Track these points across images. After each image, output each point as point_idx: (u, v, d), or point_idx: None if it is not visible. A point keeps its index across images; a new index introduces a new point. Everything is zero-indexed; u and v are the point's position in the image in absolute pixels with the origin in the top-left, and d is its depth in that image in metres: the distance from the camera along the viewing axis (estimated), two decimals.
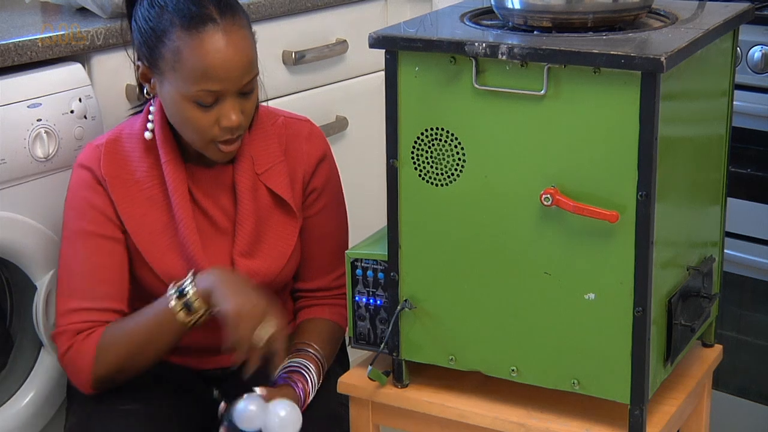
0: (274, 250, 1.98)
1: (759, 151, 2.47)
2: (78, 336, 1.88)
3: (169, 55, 1.82)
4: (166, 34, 1.82)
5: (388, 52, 1.74)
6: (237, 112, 1.84)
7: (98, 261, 1.91)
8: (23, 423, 2.12)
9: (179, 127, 1.89)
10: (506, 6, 1.78)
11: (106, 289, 1.91)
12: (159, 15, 1.84)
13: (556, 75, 1.64)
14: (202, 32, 1.81)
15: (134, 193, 1.92)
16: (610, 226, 1.65)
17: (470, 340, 1.79)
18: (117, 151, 1.93)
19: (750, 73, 2.43)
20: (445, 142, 1.73)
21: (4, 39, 2.05)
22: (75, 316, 1.90)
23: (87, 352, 1.88)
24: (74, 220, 1.92)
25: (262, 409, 1.80)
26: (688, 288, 1.81)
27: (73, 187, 1.93)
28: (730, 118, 1.93)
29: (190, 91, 1.82)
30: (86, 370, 1.88)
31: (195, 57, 1.80)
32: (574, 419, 1.77)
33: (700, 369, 1.93)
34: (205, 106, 1.83)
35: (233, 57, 1.82)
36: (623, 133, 1.62)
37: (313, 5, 2.59)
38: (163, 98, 1.88)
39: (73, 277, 1.92)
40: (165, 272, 1.93)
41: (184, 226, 1.92)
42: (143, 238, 1.92)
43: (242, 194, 1.95)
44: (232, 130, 1.85)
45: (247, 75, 1.84)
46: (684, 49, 1.62)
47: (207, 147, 1.88)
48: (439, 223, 1.77)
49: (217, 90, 1.82)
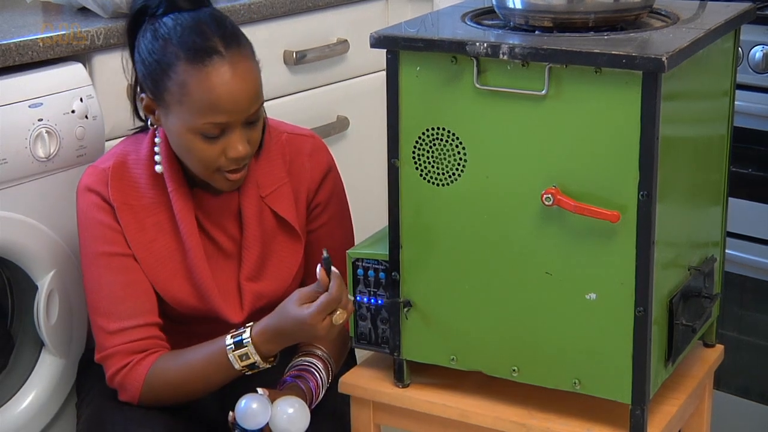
0: (279, 272, 1.98)
1: (759, 150, 2.47)
2: (129, 358, 1.89)
3: (175, 88, 1.80)
4: (171, 67, 1.80)
5: (390, 51, 1.73)
6: (243, 143, 1.83)
7: (126, 279, 1.90)
8: (24, 423, 2.11)
9: (184, 158, 1.88)
10: (507, 6, 1.77)
11: (140, 305, 1.91)
12: (163, 48, 1.81)
13: (557, 75, 1.63)
14: (208, 65, 1.79)
15: (142, 218, 1.92)
16: (612, 226, 1.65)
17: (471, 339, 1.79)
18: (124, 177, 1.92)
19: (751, 72, 2.43)
20: (446, 141, 1.73)
21: (5, 39, 2.05)
22: (119, 337, 1.89)
23: (137, 379, 1.88)
24: (91, 244, 1.91)
25: (265, 406, 1.80)
26: (689, 288, 1.81)
27: (84, 211, 1.92)
28: (732, 118, 1.93)
29: (196, 124, 1.81)
30: (135, 396, 1.89)
31: (202, 90, 1.79)
32: (575, 419, 1.77)
33: (702, 369, 1.93)
34: (211, 138, 1.82)
35: (240, 89, 1.80)
36: (624, 133, 1.61)
37: (314, 5, 2.58)
38: (168, 130, 1.87)
39: (104, 300, 1.91)
40: (172, 297, 1.93)
41: (194, 254, 1.92)
42: (150, 263, 1.92)
43: (248, 220, 1.95)
44: (238, 160, 1.84)
45: (253, 105, 1.83)
46: (685, 49, 1.62)
47: (213, 177, 1.87)
48: (440, 222, 1.77)
49: (223, 122, 1.81)
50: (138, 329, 1.89)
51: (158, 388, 1.88)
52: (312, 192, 2.01)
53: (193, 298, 1.93)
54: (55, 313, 2.11)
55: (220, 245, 1.96)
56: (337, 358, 2.01)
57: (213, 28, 1.82)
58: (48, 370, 2.14)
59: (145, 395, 1.88)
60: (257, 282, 1.97)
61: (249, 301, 1.95)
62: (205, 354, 1.86)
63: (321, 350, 1.97)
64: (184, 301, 1.93)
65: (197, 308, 1.94)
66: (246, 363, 1.83)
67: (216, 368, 1.85)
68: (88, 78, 2.13)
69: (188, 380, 1.87)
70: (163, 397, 1.89)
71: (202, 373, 1.86)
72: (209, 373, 1.86)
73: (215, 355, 1.85)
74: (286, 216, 1.97)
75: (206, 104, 1.79)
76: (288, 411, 1.80)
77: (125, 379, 1.89)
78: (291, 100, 2.57)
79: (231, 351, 1.83)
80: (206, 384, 1.88)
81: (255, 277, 1.96)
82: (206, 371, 1.86)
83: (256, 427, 1.80)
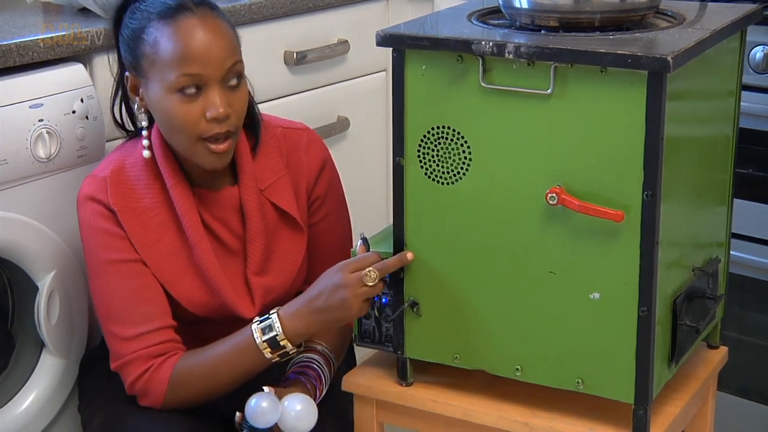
0: (284, 265, 1.98)
1: (760, 151, 2.47)
2: (149, 363, 1.87)
3: (148, 48, 1.83)
4: (144, 30, 1.83)
5: (395, 50, 1.73)
6: (223, 103, 1.82)
7: (136, 284, 1.89)
8: (25, 424, 2.10)
9: (169, 131, 1.87)
10: (514, 5, 1.77)
11: (154, 309, 1.90)
12: (139, 18, 1.85)
13: (562, 74, 1.63)
14: (177, 20, 1.82)
15: (145, 220, 1.91)
16: (616, 226, 1.64)
17: (475, 338, 1.79)
18: (123, 181, 1.92)
19: (752, 73, 2.43)
20: (452, 140, 1.73)
21: (5, 39, 2.04)
22: (136, 343, 1.88)
23: (160, 383, 1.87)
24: (97, 253, 1.90)
25: (274, 404, 1.79)
26: (693, 289, 1.81)
27: (86, 221, 1.91)
28: (737, 119, 1.93)
29: (170, 81, 1.81)
30: (158, 399, 1.88)
31: (172, 41, 1.81)
32: (578, 419, 1.76)
33: (705, 370, 1.92)
34: (189, 96, 1.82)
35: (211, 40, 1.82)
36: (629, 133, 1.61)
37: (315, 5, 2.58)
38: (151, 104, 1.87)
39: (116, 307, 1.90)
40: (183, 296, 1.92)
41: (200, 249, 1.91)
42: (158, 263, 1.91)
43: (250, 214, 1.95)
44: (218, 120, 1.82)
45: (228, 59, 1.83)
46: (691, 49, 1.62)
47: (196, 147, 1.85)
48: (444, 221, 1.76)
49: (197, 73, 1.81)
50: (154, 333, 1.88)
51: (184, 387, 1.86)
52: (311, 185, 2.01)
53: (204, 295, 1.92)
54: (56, 314, 2.10)
55: (224, 242, 1.95)
56: (338, 354, 2.00)
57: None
58: (49, 371, 2.13)
59: (170, 397, 1.87)
60: (264, 276, 1.96)
61: (259, 295, 1.95)
62: (231, 343, 1.85)
63: (321, 345, 1.97)
64: (195, 299, 1.92)
65: (209, 305, 1.93)
66: (268, 337, 1.82)
67: (240, 354, 1.84)
68: (88, 78, 2.12)
69: (215, 373, 1.86)
70: (189, 397, 1.87)
71: (227, 364, 1.85)
72: (234, 363, 1.85)
73: (241, 341, 1.84)
74: (287, 208, 1.97)
75: (177, 55, 1.80)
76: (296, 408, 1.80)
77: (148, 384, 1.87)
78: (292, 101, 2.56)
79: (257, 328, 1.83)
80: (232, 375, 1.86)
81: (261, 271, 1.96)
82: (231, 360, 1.85)
83: (266, 426, 1.79)
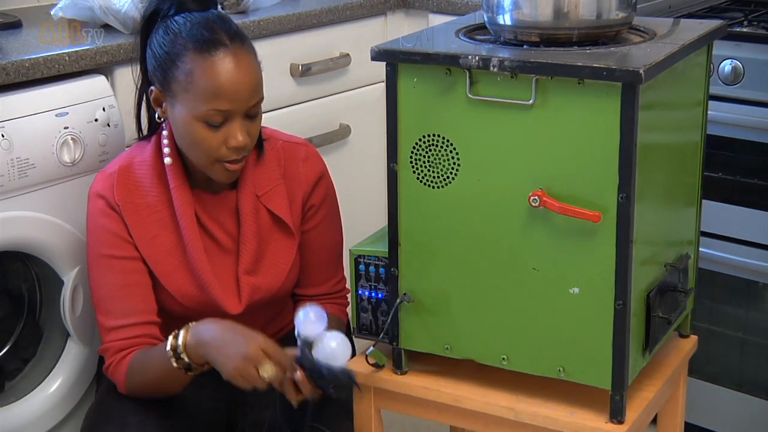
0: (274, 267, 1.98)
1: (728, 156, 2.47)
2: (117, 355, 1.89)
3: (182, 77, 1.81)
4: (180, 57, 1.81)
5: (389, 64, 1.73)
6: (243, 133, 1.83)
7: (123, 281, 1.90)
8: (52, 407, 2.12)
9: (187, 147, 1.87)
10: (498, 22, 1.77)
11: (135, 305, 1.90)
12: (173, 41, 1.82)
13: (543, 86, 1.63)
14: (213, 55, 1.79)
15: (145, 216, 1.91)
16: (593, 226, 1.65)
17: (464, 330, 1.79)
18: (129, 178, 1.92)
19: (721, 84, 2.43)
20: (441, 147, 1.73)
21: (34, 53, 2.05)
22: (114, 334, 1.90)
23: (121, 373, 1.89)
24: (95, 246, 1.92)
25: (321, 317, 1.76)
26: (665, 283, 1.81)
27: (91, 216, 1.92)
28: (705, 127, 1.93)
29: (200, 111, 1.80)
30: (122, 389, 1.90)
31: (207, 77, 1.79)
32: (560, 404, 1.77)
33: (677, 358, 1.93)
34: (214, 126, 1.82)
35: (242, 78, 1.81)
36: (605, 140, 1.61)
37: (319, 22, 2.58)
38: (174, 120, 1.86)
39: (104, 298, 1.91)
40: (176, 290, 1.93)
41: (192, 247, 1.91)
42: (154, 258, 1.91)
43: (245, 217, 1.95)
44: (238, 150, 1.84)
45: (254, 97, 1.83)
46: (661, 62, 1.62)
47: (213, 166, 1.86)
48: (435, 222, 1.76)
49: (226, 110, 1.80)
50: (130, 328, 1.89)
51: (136, 379, 1.88)
52: (306, 195, 2.00)
53: (195, 290, 1.92)
54: (80, 306, 2.11)
55: (218, 241, 1.95)
56: None
57: (219, 25, 1.83)
58: (73, 359, 2.14)
59: (129, 386, 1.89)
60: (254, 276, 1.96)
61: (247, 293, 1.95)
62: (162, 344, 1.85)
63: None
64: (187, 294, 1.92)
65: (198, 299, 1.93)
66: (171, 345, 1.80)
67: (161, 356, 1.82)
68: (110, 89, 2.13)
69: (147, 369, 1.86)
70: (143, 387, 1.88)
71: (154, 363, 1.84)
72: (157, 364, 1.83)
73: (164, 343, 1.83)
74: (281, 214, 1.96)
75: (210, 91, 1.79)
76: (331, 344, 1.76)
77: (113, 374, 1.90)
78: (297, 110, 2.57)
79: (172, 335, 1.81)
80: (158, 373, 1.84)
81: (252, 270, 1.96)
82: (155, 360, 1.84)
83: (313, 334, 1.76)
